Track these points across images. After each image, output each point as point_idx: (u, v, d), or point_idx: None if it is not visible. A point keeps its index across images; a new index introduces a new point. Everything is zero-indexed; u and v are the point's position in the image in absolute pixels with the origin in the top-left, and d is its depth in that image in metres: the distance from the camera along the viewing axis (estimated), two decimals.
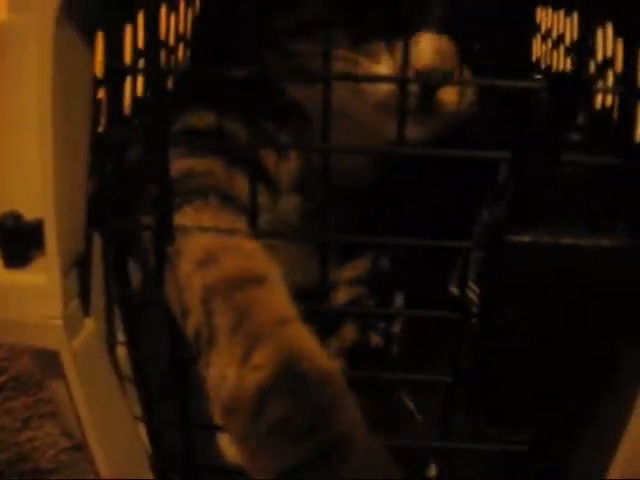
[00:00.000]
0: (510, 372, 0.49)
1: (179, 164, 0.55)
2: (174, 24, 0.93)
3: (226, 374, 0.46)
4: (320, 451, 0.41)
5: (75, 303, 0.51)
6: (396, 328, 0.73)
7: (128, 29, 0.55)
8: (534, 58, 1.13)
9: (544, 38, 1.12)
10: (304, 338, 0.47)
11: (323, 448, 0.41)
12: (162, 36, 0.89)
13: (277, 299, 0.49)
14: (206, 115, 0.60)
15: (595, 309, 0.47)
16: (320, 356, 0.46)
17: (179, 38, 0.96)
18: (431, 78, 0.52)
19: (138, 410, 0.61)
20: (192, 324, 0.50)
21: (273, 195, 0.63)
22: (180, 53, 0.98)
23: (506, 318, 0.47)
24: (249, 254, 0.51)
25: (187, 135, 0.59)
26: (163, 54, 0.90)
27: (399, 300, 0.73)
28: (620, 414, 0.49)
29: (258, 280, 0.50)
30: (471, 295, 0.57)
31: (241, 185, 0.54)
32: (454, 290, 0.74)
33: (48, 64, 0.43)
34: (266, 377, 0.44)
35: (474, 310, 0.52)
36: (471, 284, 0.57)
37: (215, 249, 0.51)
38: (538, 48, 1.14)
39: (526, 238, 0.45)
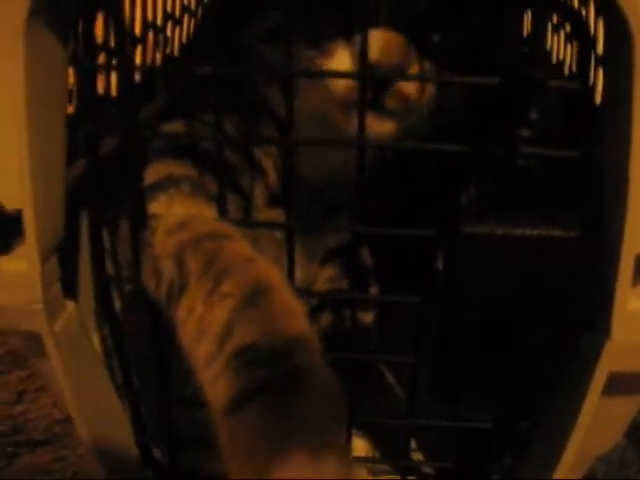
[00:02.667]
0: (466, 354, 0.51)
1: (159, 170, 0.58)
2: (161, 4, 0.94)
3: (194, 306, 0.48)
4: (278, 378, 0.43)
5: (56, 287, 0.54)
6: (369, 317, 0.76)
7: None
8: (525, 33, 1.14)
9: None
10: (272, 274, 0.49)
11: (281, 376, 0.43)
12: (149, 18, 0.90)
13: (245, 247, 0.51)
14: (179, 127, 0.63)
15: (549, 298, 0.49)
16: (287, 290, 0.48)
17: (167, 17, 0.98)
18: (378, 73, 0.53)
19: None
20: (166, 283, 0.51)
21: (246, 209, 0.65)
22: (169, 32, 0.99)
23: (465, 304, 0.49)
24: (218, 222, 0.54)
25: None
26: (151, 34, 0.92)
27: (374, 291, 0.76)
28: (575, 400, 0.52)
29: (227, 236, 0.52)
30: None
31: (213, 189, 0.56)
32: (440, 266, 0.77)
33: (20, 58, 0.45)
34: (235, 304, 0.46)
35: None
36: None
37: (187, 219, 0.54)
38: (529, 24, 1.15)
39: (482, 229, 0.47)
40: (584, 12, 0.59)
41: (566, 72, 0.77)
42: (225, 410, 0.43)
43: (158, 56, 0.96)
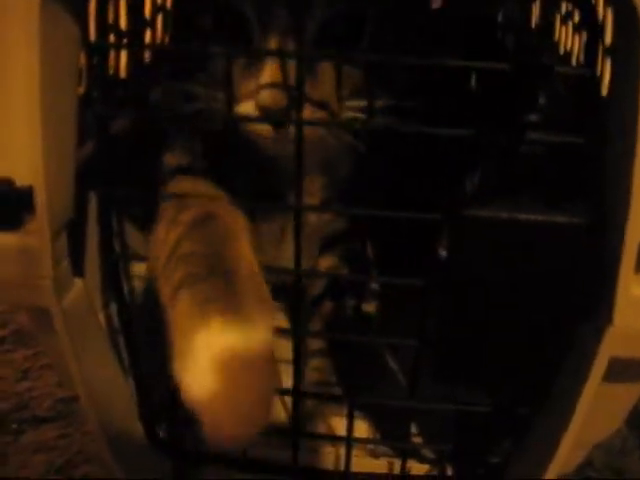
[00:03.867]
0: (469, 337, 0.52)
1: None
2: None
3: (159, 234, 0.55)
4: (210, 271, 0.48)
5: (65, 264, 0.54)
6: (371, 307, 0.77)
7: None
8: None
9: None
10: (228, 211, 0.54)
11: (209, 269, 0.48)
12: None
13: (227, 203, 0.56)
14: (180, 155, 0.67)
15: (552, 283, 0.49)
16: (233, 221, 0.53)
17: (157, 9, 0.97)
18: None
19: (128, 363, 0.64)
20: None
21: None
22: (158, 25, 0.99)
23: (466, 286, 0.50)
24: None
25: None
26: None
27: (374, 284, 0.77)
28: (576, 385, 0.52)
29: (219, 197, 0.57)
30: None
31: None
32: (443, 253, 0.77)
33: (35, 36, 0.46)
34: (184, 229, 0.52)
35: None
36: None
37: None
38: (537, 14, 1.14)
39: (485, 213, 0.47)
40: (592, 1, 0.59)
41: (574, 63, 0.77)
42: (165, 305, 0.49)
43: (167, 40, 0.96)
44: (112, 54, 0.70)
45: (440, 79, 0.50)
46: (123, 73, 0.75)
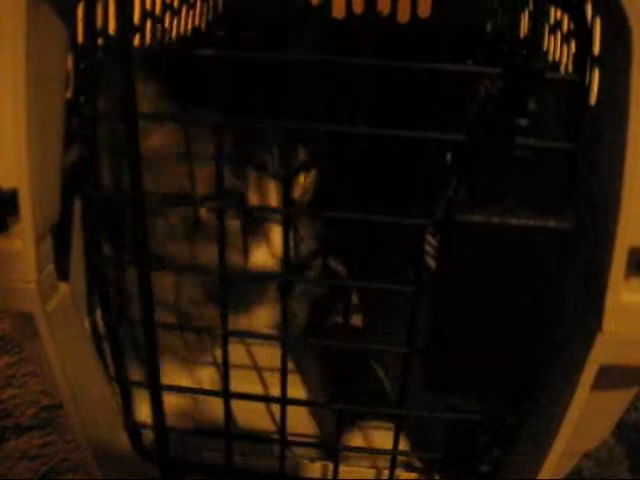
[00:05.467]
0: (460, 345, 0.51)
1: None
2: None
3: None
4: None
5: (49, 268, 0.53)
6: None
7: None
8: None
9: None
10: None
11: None
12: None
13: None
14: None
15: (542, 289, 0.49)
16: None
17: (165, 7, 0.97)
18: None
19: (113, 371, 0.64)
20: None
21: None
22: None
23: (457, 293, 0.50)
24: None
25: None
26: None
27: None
28: (565, 393, 0.52)
29: None
30: None
31: None
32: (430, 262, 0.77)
33: (21, 38, 0.45)
34: None
35: None
36: None
37: None
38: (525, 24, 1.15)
39: (476, 217, 0.47)
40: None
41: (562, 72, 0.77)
42: None
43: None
44: None
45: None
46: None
